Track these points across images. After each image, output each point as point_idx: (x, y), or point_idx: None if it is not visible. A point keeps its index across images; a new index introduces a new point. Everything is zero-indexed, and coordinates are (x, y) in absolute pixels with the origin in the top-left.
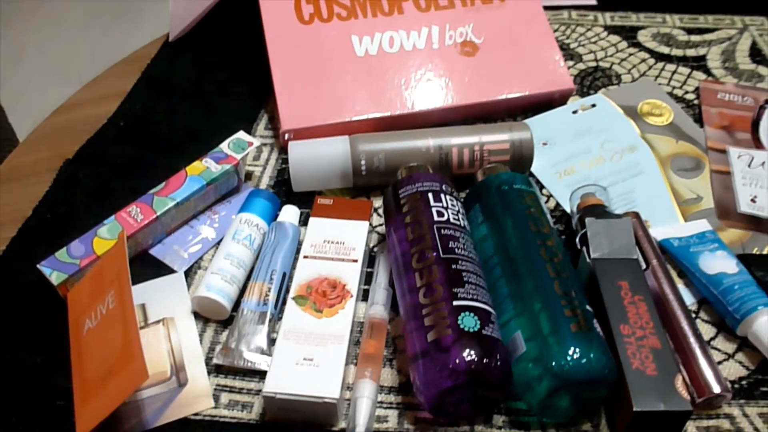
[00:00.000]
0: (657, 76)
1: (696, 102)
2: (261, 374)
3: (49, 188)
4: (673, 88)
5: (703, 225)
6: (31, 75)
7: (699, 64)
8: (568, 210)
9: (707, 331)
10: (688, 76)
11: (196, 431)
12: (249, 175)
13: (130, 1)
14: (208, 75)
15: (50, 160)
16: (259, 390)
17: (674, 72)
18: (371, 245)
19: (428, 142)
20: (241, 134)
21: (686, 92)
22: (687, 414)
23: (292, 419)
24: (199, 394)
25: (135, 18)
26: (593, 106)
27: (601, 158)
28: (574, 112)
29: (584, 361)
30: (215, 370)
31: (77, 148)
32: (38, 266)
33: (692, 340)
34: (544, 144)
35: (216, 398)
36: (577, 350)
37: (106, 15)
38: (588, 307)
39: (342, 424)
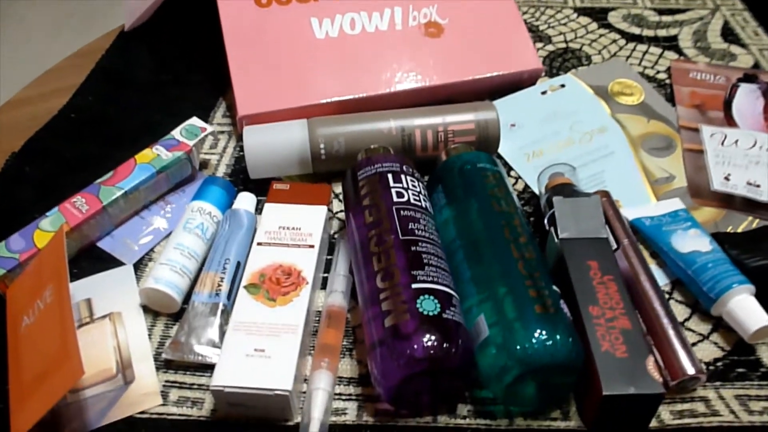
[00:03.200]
0: (628, 57)
1: (668, 82)
2: (212, 369)
3: None
4: (645, 68)
5: (675, 204)
6: None
7: (671, 44)
8: (537, 191)
9: (681, 312)
10: (660, 56)
11: (141, 431)
12: (205, 164)
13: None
14: (165, 65)
15: None
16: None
17: (645, 52)
18: (331, 232)
19: (390, 124)
20: (194, 120)
21: (658, 72)
22: (659, 397)
23: (244, 415)
24: (147, 392)
25: (88, 16)
26: (562, 86)
27: (570, 140)
28: (543, 92)
29: (549, 343)
30: (165, 366)
31: (24, 142)
32: None
33: (665, 321)
34: (513, 126)
35: (164, 395)
36: (543, 333)
37: (59, 13)
38: (555, 288)
39: (297, 418)
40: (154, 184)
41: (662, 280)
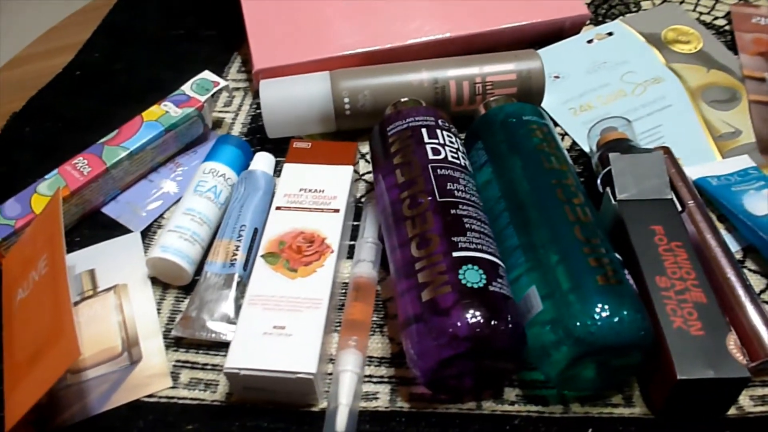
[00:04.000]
0: (681, 2)
1: (727, 28)
2: (227, 347)
3: None
4: (700, 13)
5: (744, 161)
6: None
7: None
8: (586, 150)
9: (756, 282)
10: (717, 0)
11: (149, 417)
12: (219, 123)
13: None
14: (175, 20)
15: None
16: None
17: None
18: (358, 195)
19: (421, 75)
20: (207, 74)
21: (716, 18)
22: (743, 382)
23: (263, 399)
24: (155, 373)
25: None
26: (610, 34)
27: (621, 92)
28: (589, 41)
29: (615, 320)
30: (174, 343)
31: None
32: None
33: (741, 292)
34: (556, 77)
35: (175, 377)
36: (606, 308)
37: None
38: (617, 255)
39: (323, 404)
40: (163, 143)
41: (733, 247)
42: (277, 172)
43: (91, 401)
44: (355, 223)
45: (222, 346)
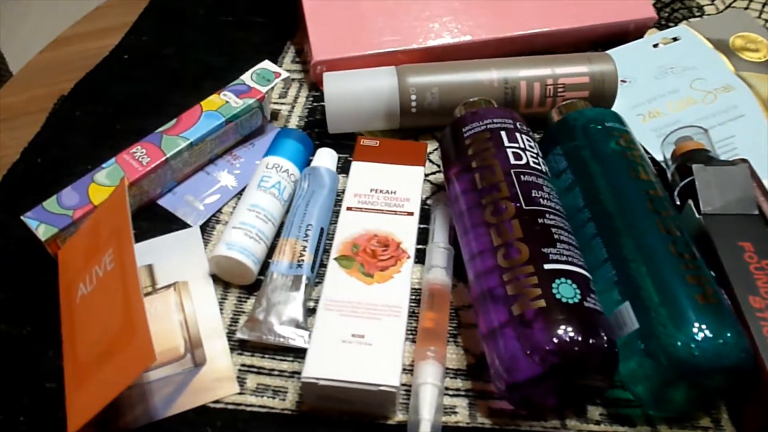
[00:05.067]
0: (746, 7)
1: None
2: (295, 352)
3: (41, 129)
4: (766, 21)
5: None
6: (30, 5)
7: None
8: (657, 158)
9: None
10: None
11: (217, 423)
12: (275, 115)
13: None
14: (226, 4)
15: (44, 98)
16: (294, 372)
17: (766, 3)
18: (423, 197)
19: (491, 74)
20: (267, 64)
21: None
22: None
23: (337, 409)
24: (221, 377)
25: None
26: (675, 39)
27: (690, 99)
28: (655, 46)
29: (720, 342)
30: (239, 346)
31: (74, 84)
32: (22, 218)
33: None
34: (623, 81)
35: (241, 382)
36: (708, 329)
37: None
38: (711, 272)
39: (400, 416)
40: (222, 134)
41: None
42: (339, 168)
43: (155, 404)
44: (422, 225)
45: (288, 351)
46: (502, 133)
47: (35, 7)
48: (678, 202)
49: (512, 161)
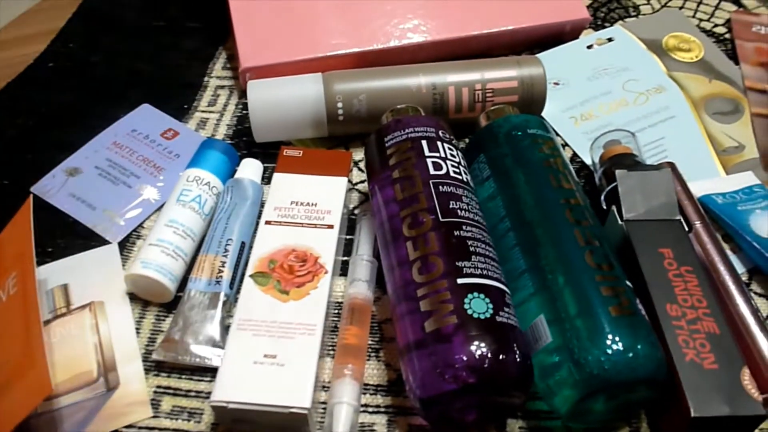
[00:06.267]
0: (681, 7)
1: (728, 36)
2: (213, 372)
3: None
4: (700, 20)
5: (748, 178)
6: None
7: None
8: (587, 162)
9: (763, 306)
10: (716, 7)
11: None
12: (203, 123)
13: None
14: (157, 9)
15: None
16: (210, 393)
17: (700, 2)
18: (351, 207)
19: (419, 80)
20: None
21: (715, 25)
22: (759, 419)
23: (253, 431)
24: (134, 401)
25: None
26: (610, 40)
27: (623, 101)
28: (589, 47)
29: (630, 355)
30: (156, 367)
31: None
32: None
33: (751, 320)
34: (556, 84)
35: (155, 404)
36: (621, 342)
37: None
38: (628, 283)
39: None
40: None
41: (739, 269)
42: (265, 179)
43: (65, 431)
44: (348, 236)
45: (206, 371)
46: (423, 142)
47: None
48: (604, 206)
49: (432, 171)
